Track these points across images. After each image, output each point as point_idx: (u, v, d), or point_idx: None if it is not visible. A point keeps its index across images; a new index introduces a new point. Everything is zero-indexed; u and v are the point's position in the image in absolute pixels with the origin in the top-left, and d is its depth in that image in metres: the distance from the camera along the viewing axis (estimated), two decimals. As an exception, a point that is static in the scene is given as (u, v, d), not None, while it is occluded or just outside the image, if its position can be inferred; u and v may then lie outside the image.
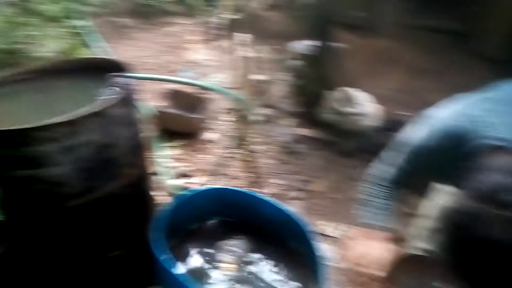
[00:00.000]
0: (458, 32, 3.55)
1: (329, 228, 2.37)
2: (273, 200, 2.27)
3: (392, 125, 2.48)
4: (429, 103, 1.35)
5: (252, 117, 2.94)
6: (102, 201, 1.52)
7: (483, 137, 1.02)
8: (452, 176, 0.98)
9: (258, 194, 2.22)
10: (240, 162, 2.58)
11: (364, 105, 2.86)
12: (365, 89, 3.09)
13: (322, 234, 2.34)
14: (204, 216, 1.85)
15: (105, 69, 1.59)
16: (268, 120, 3.08)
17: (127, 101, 1.51)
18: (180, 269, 1.59)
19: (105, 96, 1.43)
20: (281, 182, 2.68)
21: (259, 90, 3.25)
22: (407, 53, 3.60)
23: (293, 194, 2.60)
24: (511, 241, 0.81)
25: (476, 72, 2.96)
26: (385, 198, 1.35)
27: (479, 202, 0.86)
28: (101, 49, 3.29)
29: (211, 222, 1.86)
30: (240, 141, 2.17)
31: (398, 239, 1.33)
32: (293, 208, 2.49)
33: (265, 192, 2.58)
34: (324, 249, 2.24)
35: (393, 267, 1.36)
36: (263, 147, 2.89)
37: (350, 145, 2.86)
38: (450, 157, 1.05)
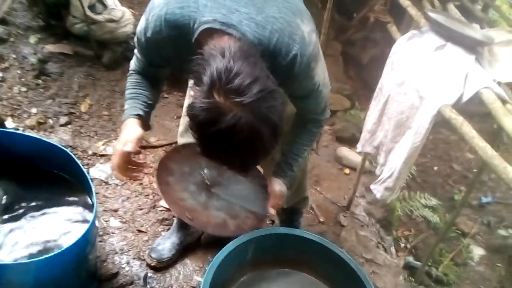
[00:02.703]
0: None
1: (103, 146, 2.27)
2: (22, 132, 2.00)
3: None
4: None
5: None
6: None
7: (198, 21, 1.03)
8: (186, 68, 0.97)
9: (2, 129, 1.90)
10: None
11: (116, 10, 2.64)
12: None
13: (101, 155, 2.24)
14: None
15: None
16: (7, 39, 2.54)
17: None
18: None
19: None
20: (43, 109, 2.36)
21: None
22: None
23: (60, 120, 2.34)
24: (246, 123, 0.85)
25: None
26: (136, 89, 1.31)
27: (209, 94, 0.86)
28: None
29: None
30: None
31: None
32: (63, 135, 2.27)
33: (27, 125, 2.24)
34: (103, 169, 2.19)
35: (165, 156, 1.41)
36: (10, 73, 2.43)
37: (109, 56, 2.66)
38: (177, 46, 1.04)
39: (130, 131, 1.22)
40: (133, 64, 1.34)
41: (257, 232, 1.57)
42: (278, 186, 1.38)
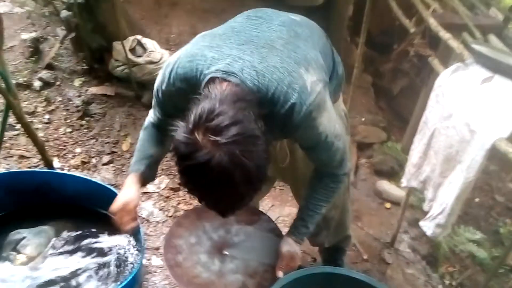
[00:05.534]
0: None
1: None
2: (72, 173, 2.06)
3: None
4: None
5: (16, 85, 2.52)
6: None
7: (203, 73, 1.06)
8: None
9: (54, 171, 1.97)
10: (26, 138, 2.21)
11: (155, 52, 2.75)
12: (150, 36, 2.97)
13: (142, 193, 2.27)
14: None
15: None
16: (53, 83, 2.67)
17: None
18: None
19: None
20: (86, 149, 2.44)
21: (33, 50, 2.77)
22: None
23: (103, 159, 2.41)
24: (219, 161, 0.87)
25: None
26: (146, 143, 1.35)
27: (191, 131, 0.90)
28: None
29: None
30: (16, 115, 1.81)
31: None
32: (106, 174, 2.33)
33: (72, 165, 2.31)
34: (144, 206, 2.21)
35: (168, 235, 1.41)
36: (56, 115, 2.54)
37: (149, 96, 2.75)
38: (187, 98, 1.05)
39: (125, 193, 1.28)
40: (150, 116, 1.37)
41: (303, 272, 1.53)
42: (286, 246, 1.32)
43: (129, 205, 1.27)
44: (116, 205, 1.26)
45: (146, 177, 1.33)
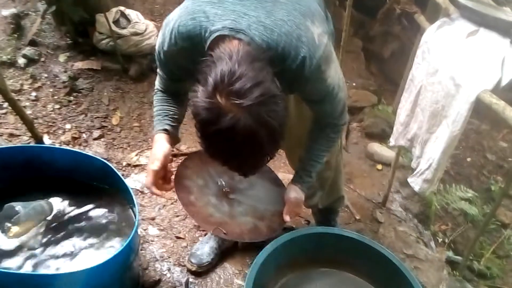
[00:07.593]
0: None
1: (136, 157, 2.32)
2: (62, 147, 2.06)
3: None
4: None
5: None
6: None
7: (209, 30, 1.04)
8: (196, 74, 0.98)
9: (44, 145, 1.97)
10: (14, 117, 2.20)
11: (139, 23, 2.70)
12: (134, 7, 2.90)
13: (134, 165, 2.28)
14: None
15: None
16: (38, 60, 2.63)
17: None
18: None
19: None
20: (76, 125, 2.43)
21: (14, 27, 2.70)
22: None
23: (94, 134, 2.41)
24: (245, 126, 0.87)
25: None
26: (162, 105, 1.34)
27: (212, 95, 0.88)
28: None
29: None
30: (1, 91, 1.79)
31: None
32: (97, 148, 2.33)
33: (62, 141, 2.31)
34: (138, 179, 2.23)
35: (177, 176, 1.41)
36: (43, 92, 2.51)
37: (136, 69, 2.72)
38: (192, 56, 1.05)
39: (157, 148, 1.25)
40: (157, 83, 1.37)
41: (295, 233, 1.57)
42: (293, 193, 1.37)
43: (166, 159, 1.23)
44: (153, 162, 1.21)
45: (172, 135, 1.31)
